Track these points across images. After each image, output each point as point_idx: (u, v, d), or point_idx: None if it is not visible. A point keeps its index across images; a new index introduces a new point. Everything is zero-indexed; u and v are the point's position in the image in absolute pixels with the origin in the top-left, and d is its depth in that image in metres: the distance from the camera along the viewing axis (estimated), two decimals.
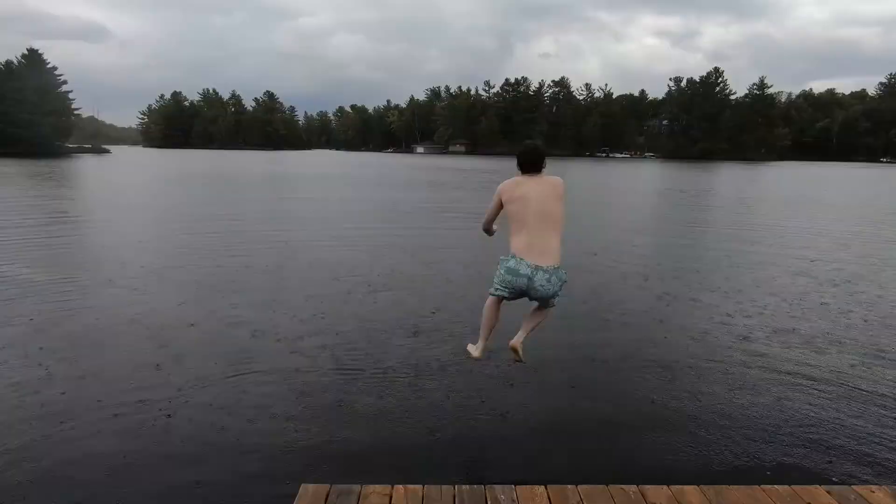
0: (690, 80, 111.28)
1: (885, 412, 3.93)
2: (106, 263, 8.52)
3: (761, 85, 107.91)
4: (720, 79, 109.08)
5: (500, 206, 3.37)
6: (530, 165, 3.38)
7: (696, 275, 8.51)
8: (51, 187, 23.46)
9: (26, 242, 10.06)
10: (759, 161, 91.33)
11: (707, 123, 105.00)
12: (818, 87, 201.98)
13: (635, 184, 34.49)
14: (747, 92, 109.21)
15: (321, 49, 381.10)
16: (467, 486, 2.64)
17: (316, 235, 11.72)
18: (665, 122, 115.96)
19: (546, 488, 2.61)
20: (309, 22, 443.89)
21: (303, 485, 2.64)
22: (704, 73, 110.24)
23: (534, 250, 3.11)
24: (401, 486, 2.63)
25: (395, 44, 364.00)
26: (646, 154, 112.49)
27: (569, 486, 2.64)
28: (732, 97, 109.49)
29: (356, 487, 2.61)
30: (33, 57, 70.22)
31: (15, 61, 68.73)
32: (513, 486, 2.64)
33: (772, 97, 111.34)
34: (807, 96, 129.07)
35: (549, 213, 3.19)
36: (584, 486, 2.63)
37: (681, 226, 14.87)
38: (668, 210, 19.78)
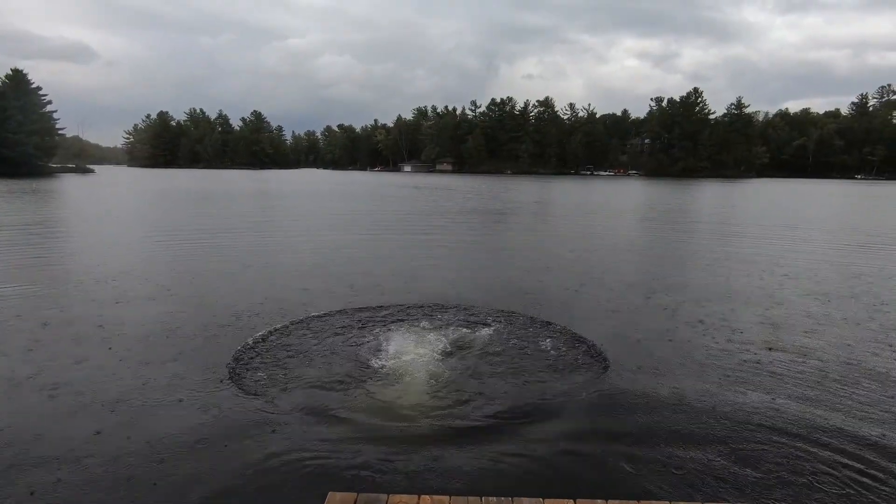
0: (671, 100, 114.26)
1: None
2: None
3: (739, 104, 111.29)
4: (699, 99, 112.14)
5: None
6: None
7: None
8: (27, 203, 23.30)
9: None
10: (738, 178, 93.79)
11: (688, 142, 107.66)
12: (794, 106, 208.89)
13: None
14: (726, 111, 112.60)
15: (309, 69, 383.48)
16: (494, 498, 2.64)
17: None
18: (647, 140, 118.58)
19: (574, 502, 2.59)
20: (297, 43, 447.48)
21: (330, 493, 2.69)
22: (684, 94, 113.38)
23: None
24: (427, 496, 2.67)
25: (382, 64, 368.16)
26: (629, 172, 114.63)
27: (598, 501, 2.62)
28: (711, 116, 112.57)
29: (382, 497, 2.64)
30: (17, 77, 69.62)
31: (0, 81, 68.12)
32: (541, 498, 2.63)
33: (749, 116, 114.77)
34: (783, 115, 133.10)
35: None
36: (614, 501, 2.62)
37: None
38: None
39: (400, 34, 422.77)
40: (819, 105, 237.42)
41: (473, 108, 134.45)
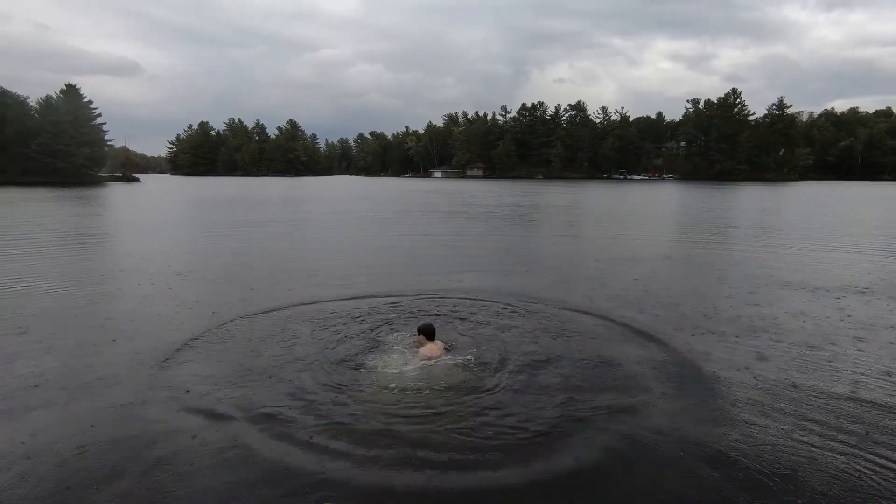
0: (708, 102, 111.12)
1: None
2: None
3: (780, 105, 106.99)
4: (738, 100, 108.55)
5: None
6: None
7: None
8: (81, 208, 24.87)
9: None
10: (781, 181, 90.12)
11: (725, 144, 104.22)
12: (840, 105, 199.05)
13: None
14: (766, 112, 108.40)
15: (341, 79, 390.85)
16: None
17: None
18: (683, 143, 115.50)
19: None
20: (329, 53, 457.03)
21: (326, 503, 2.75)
22: (722, 95, 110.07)
23: None
24: None
25: (412, 72, 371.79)
26: (664, 175, 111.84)
27: None
28: (751, 118, 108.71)
29: None
30: (70, 92, 73.99)
31: (54, 96, 72.58)
32: None
33: (792, 117, 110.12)
34: (828, 115, 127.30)
35: None
36: None
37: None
38: None
39: (428, 43, 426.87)
40: (867, 104, 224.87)
41: (504, 113, 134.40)
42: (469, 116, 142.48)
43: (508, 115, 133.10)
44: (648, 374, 5.20)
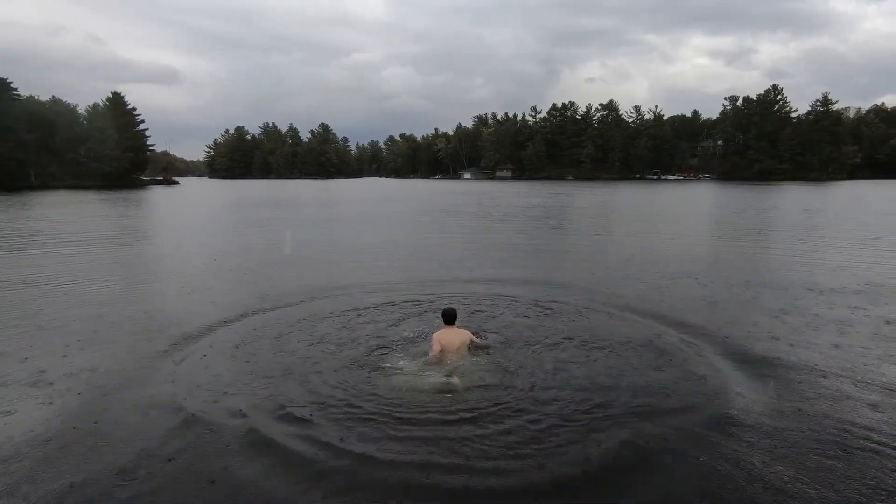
0: (747, 99, 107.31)
1: None
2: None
3: (825, 101, 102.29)
4: (779, 96, 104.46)
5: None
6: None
7: None
8: (130, 209, 26.13)
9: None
10: (826, 181, 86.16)
11: (766, 143, 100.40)
12: (891, 101, 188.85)
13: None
14: (810, 109, 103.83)
15: (372, 82, 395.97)
16: None
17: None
18: (720, 142, 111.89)
19: None
20: (360, 57, 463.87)
21: None
22: (762, 91, 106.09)
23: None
24: None
25: (442, 74, 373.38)
26: (700, 175, 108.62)
27: None
28: (793, 115, 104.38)
29: None
30: (116, 99, 77.62)
31: (101, 104, 76.26)
32: None
33: (838, 113, 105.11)
34: (878, 111, 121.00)
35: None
36: None
37: None
38: None
39: (458, 44, 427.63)
40: None
41: (534, 113, 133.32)
42: (499, 117, 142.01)
43: (538, 116, 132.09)
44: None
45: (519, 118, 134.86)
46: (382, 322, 6.89)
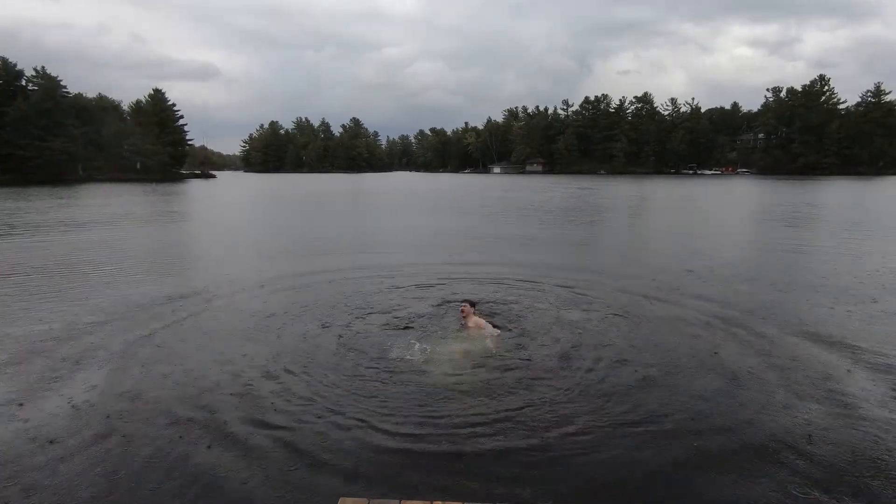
0: (791, 90, 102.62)
1: None
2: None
3: (877, 92, 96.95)
4: (826, 87, 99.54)
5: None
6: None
7: None
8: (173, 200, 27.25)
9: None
10: (878, 176, 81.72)
11: (811, 136, 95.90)
12: None
13: None
14: (860, 100, 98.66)
15: (403, 76, 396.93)
16: None
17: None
18: (761, 135, 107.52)
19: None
20: (391, 52, 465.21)
21: (341, 498, 2.66)
22: (807, 82, 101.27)
23: None
24: (439, 501, 2.62)
25: (473, 68, 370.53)
26: (739, 170, 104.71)
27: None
28: (841, 106, 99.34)
29: (394, 502, 2.59)
30: (157, 96, 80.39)
31: (143, 100, 79.21)
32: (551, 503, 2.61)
33: (891, 105, 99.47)
34: None
35: None
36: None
37: None
38: None
39: (490, 38, 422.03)
40: None
41: (565, 107, 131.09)
42: (530, 111, 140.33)
43: (570, 109, 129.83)
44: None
45: (550, 112, 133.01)
46: (420, 304, 6.94)
